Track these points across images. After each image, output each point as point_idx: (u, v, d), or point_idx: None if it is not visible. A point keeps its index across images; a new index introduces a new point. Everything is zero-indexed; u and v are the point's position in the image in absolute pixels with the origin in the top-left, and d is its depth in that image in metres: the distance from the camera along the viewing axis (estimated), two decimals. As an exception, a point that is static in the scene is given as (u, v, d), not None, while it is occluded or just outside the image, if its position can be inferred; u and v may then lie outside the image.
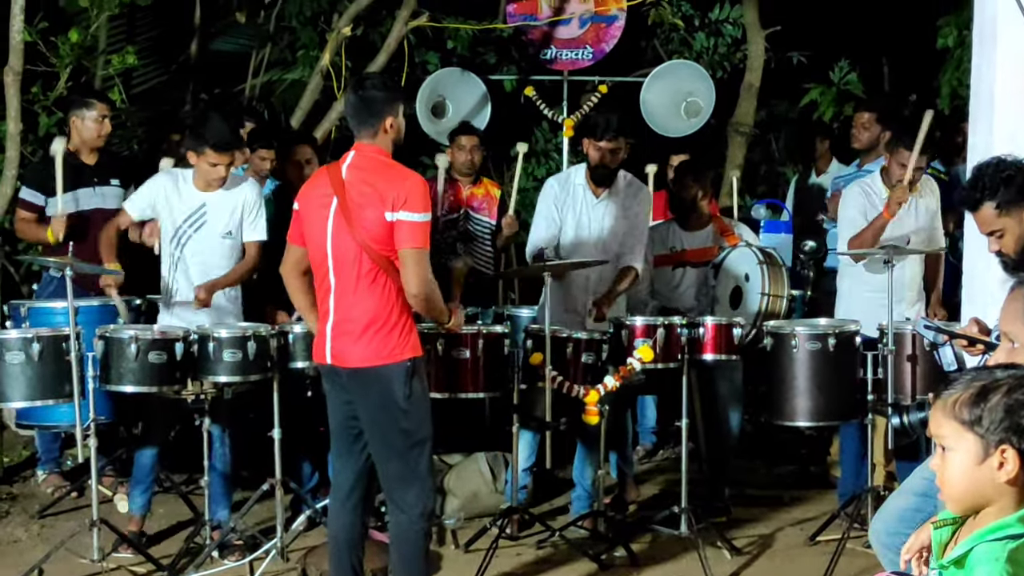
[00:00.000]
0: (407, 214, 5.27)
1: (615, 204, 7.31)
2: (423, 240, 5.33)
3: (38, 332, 6.53)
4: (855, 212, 7.23)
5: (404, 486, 5.42)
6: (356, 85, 5.56)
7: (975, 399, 2.87)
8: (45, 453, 8.16)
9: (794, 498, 8.00)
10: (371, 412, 5.42)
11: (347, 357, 5.40)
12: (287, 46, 11.05)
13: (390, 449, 5.42)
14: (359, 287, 5.35)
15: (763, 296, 7.17)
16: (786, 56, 11.22)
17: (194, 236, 6.88)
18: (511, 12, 10.41)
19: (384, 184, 5.31)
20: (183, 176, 6.95)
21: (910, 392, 6.66)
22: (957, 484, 2.91)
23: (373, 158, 5.44)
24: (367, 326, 5.34)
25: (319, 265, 5.48)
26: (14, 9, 7.68)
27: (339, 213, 5.36)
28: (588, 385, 6.72)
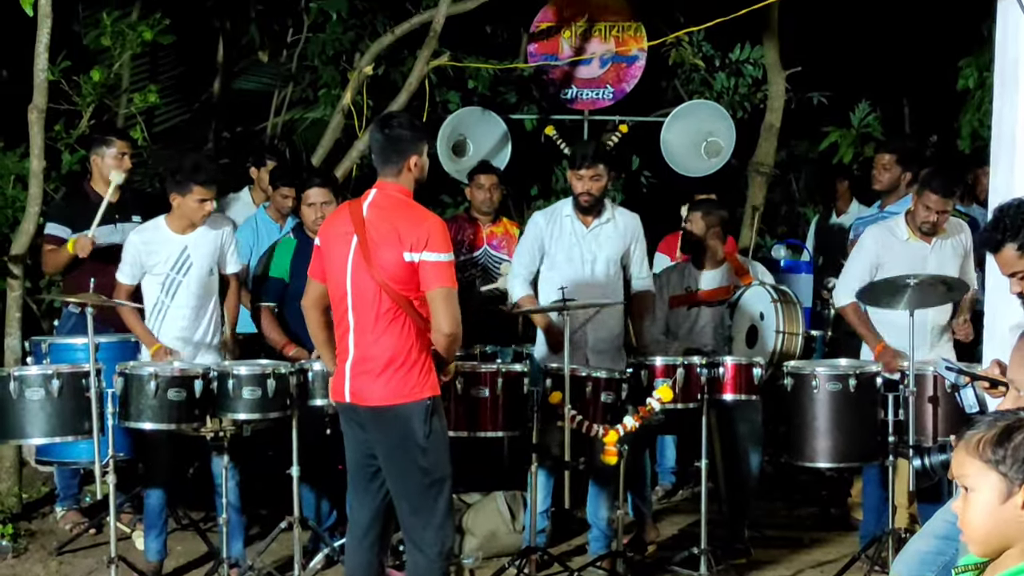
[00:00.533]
0: (431, 255, 5.29)
1: (607, 232, 7.35)
2: (451, 279, 5.34)
3: (58, 368, 6.55)
4: (869, 254, 7.23)
5: (422, 525, 5.41)
6: (381, 123, 5.58)
7: (999, 438, 2.85)
8: (64, 490, 8.16)
9: (814, 540, 7.95)
10: (390, 451, 5.41)
11: (366, 395, 5.40)
12: (309, 85, 11.10)
13: (408, 488, 5.40)
14: (378, 326, 5.35)
15: (778, 334, 7.15)
16: (806, 96, 11.23)
17: (183, 281, 6.97)
18: (532, 52, 10.45)
19: (404, 224, 5.33)
20: (152, 226, 7.06)
21: (931, 434, 6.63)
22: (980, 525, 2.89)
23: (394, 197, 5.46)
24: (386, 365, 5.34)
25: (339, 303, 5.48)
26: (38, 48, 7.72)
27: (359, 251, 5.37)
28: (607, 425, 6.70)
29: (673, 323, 7.73)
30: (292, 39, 11.40)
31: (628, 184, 11.50)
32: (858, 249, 7.37)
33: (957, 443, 2.95)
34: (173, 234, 7.00)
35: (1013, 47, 6.24)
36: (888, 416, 6.70)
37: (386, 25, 10.44)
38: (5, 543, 7.56)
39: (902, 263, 7.06)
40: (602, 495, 7.31)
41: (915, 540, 5.09)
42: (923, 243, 7.19)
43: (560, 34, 10.39)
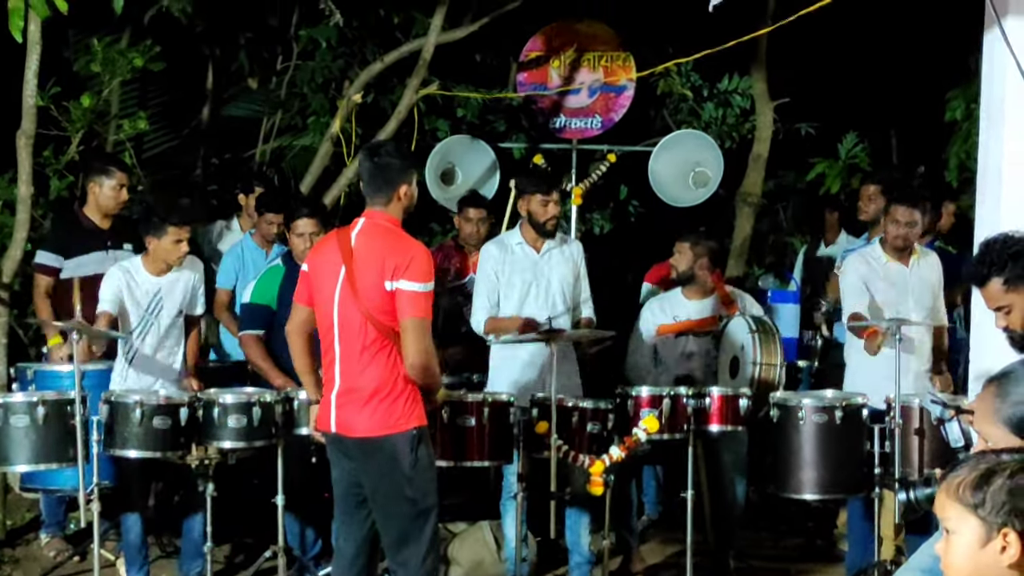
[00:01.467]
0: (407, 283, 5.27)
1: (556, 255, 7.41)
2: (424, 310, 5.31)
3: (43, 396, 6.54)
4: (856, 280, 7.25)
5: (407, 555, 5.39)
6: (371, 152, 5.56)
7: (978, 482, 2.85)
8: (49, 516, 8.13)
9: (800, 571, 7.93)
10: (376, 480, 5.40)
11: (352, 426, 5.39)
12: (298, 112, 11.11)
13: (395, 517, 5.39)
14: (364, 356, 5.34)
15: (755, 366, 7.16)
16: (794, 127, 11.26)
17: (154, 322, 7.00)
18: (521, 81, 10.47)
19: (386, 252, 5.32)
20: (131, 267, 7.09)
21: (917, 466, 6.63)
22: (961, 568, 2.88)
23: (383, 226, 5.45)
24: (372, 395, 5.33)
25: (326, 333, 5.47)
26: (27, 74, 7.73)
27: (346, 282, 5.36)
28: (593, 455, 6.70)
29: (662, 351, 7.73)
30: (281, 66, 11.41)
31: (616, 213, 11.51)
32: (844, 278, 7.40)
33: (940, 483, 2.95)
34: (149, 276, 7.05)
35: (999, 80, 6.26)
36: (874, 448, 6.71)
37: (375, 53, 10.46)
38: (-11, 570, 7.53)
39: (884, 287, 7.20)
40: (581, 522, 7.31)
41: (900, 573, 5.08)
42: (901, 265, 7.26)
43: (549, 63, 10.41)
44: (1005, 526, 2.81)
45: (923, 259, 7.37)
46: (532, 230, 7.38)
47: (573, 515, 7.28)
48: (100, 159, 8.46)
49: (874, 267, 7.28)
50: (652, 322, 7.76)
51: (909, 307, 7.14)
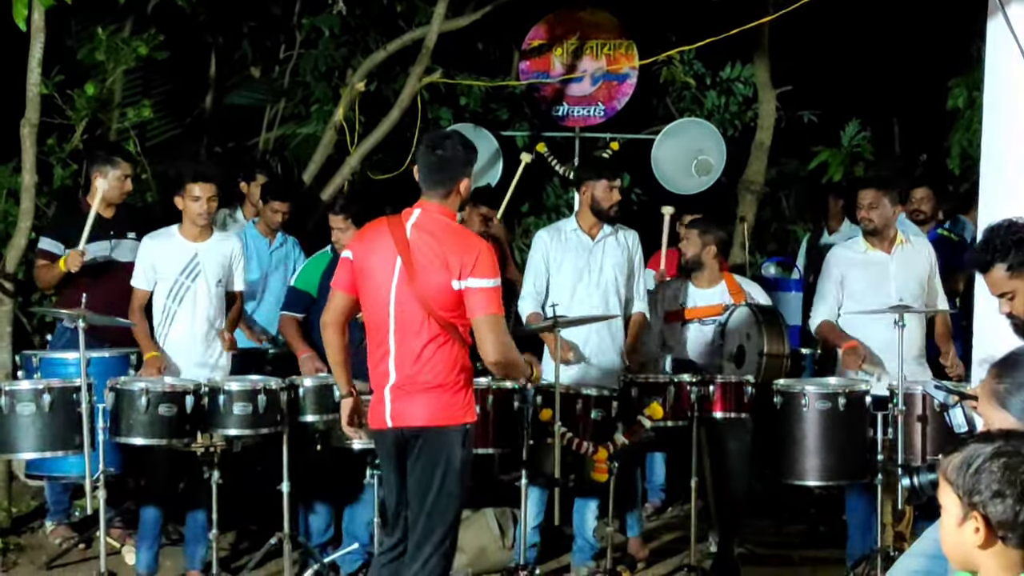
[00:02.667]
0: (477, 281, 5.19)
1: (611, 243, 7.45)
2: (498, 306, 5.25)
3: (49, 383, 6.55)
4: (829, 282, 7.39)
5: (427, 545, 5.32)
6: (434, 143, 5.44)
7: (962, 464, 2.93)
8: (54, 504, 8.15)
9: (804, 558, 7.95)
10: (423, 470, 5.32)
11: (408, 416, 5.30)
12: (301, 101, 11.11)
13: (430, 507, 5.31)
14: (425, 351, 5.25)
15: (760, 356, 7.17)
16: (797, 115, 11.26)
17: (191, 286, 7.03)
18: (524, 69, 10.48)
19: (452, 250, 5.22)
20: (167, 233, 7.18)
21: (920, 453, 6.64)
22: (948, 545, 2.99)
23: (439, 220, 5.34)
24: (432, 388, 5.26)
25: (378, 327, 5.35)
26: (31, 62, 7.74)
27: (403, 276, 5.25)
28: (597, 442, 6.71)
29: (668, 339, 7.75)
30: (284, 55, 11.42)
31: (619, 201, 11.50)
32: (822, 274, 7.52)
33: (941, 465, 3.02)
34: (185, 240, 7.11)
35: (1003, 68, 6.26)
36: (877, 435, 6.73)
37: (378, 42, 10.46)
38: (-6, 557, 7.56)
39: (862, 275, 7.28)
40: (587, 508, 7.33)
41: (904, 558, 5.10)
42: (882, 253, 7.31)
43: (552, 52, 10.42)
44: (974, 508, 2.88)
45: (909, 245, 7.40)
46: (591, 216, 7.44)
47: (579, 501, 7.30)
48: (105, 148, 8.46)
49: (851, 256, 7.35)
50: (660, 309, 7.76)
51: (890, 294, 7.14)
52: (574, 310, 7.20)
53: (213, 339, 7.15)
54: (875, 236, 7.33)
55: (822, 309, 7.39)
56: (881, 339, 6.95)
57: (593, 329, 7.34)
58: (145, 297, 7.07)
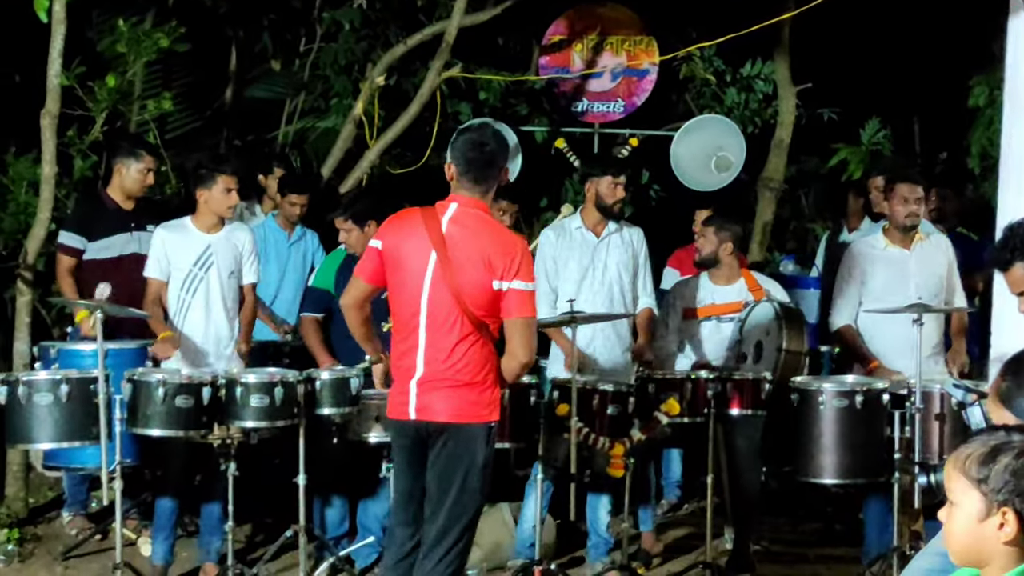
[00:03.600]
0: (520, 283, 5.22)
1: (615, 240, 7.48)
2: (533, 308, 5.30)
3: (66, 374, 6.57)
4: (847, 283, 7.39)
5: (449, 543, 5.32)
6: (483, 138, 5.43)
7: (985, 458, 2.90)
8: (72, 495, 8.17)
9: (819, 556, 7.94)
10: (445, 466, 5.31)
11: (434, 412, 5.30)
12: (321, 94, 11.12)
13: (451, 505, 5.31)
14: (457, 348, 5.25)
15: (779, 352, 7.15)
16: (817, 113, 11.23)
17: (204, 277, 7.04)
18: (543, 64, 10.47)
19: (493, 250, 5.22)
20: (181, 224, 7.17)
21: (937, 451, 6.63)
22: (958, 538, 2.95)
23: (477, 215, 5.34)
24: (462, 384, 5.27)
25: (407, 320, 5.33)
26: (52, 53, 7.76)
27: (439, 271, 5.23)
28: (614, 437, 6.71)
29: (685, 335, 7.73)
30: (304, 48, 11.42)
31: (637, 198, 11.50)
32: (841, 271, 7.49)
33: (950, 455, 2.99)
34: (198, 232, 7.11)
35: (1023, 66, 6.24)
36: (894, 433, 6.71)
37: (398, 36, 10.46)
38: (11, 547, 7.58)
39: (883, 272, 7.29)
40: (600, 503, 7.33)
41: (919, 557, 5.08)
42: (902, 250, 7.31)
43: (572, 47, 10.41)
44: (1005, 504, 2.86)
45: (928, 242, 7.39)
46: (596, 213, 7.47)
47: (593, 497, 7.29)
48: (128, 141, 8.48)
49: (871, 253, 7.33)
50: (678, 306, 7.75)
51: (910, 291, 7.12)
52: (579, 308, 7.20)
53: (227, 330, 7.15)
54: (904, 232, 7.30)
55: (843, 311, 7.36)
56: (899, 336, 6.92)
57: (599, 327, 7.33)
58: (160, 288, 7.08)
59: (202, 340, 7.06)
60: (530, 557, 7.15)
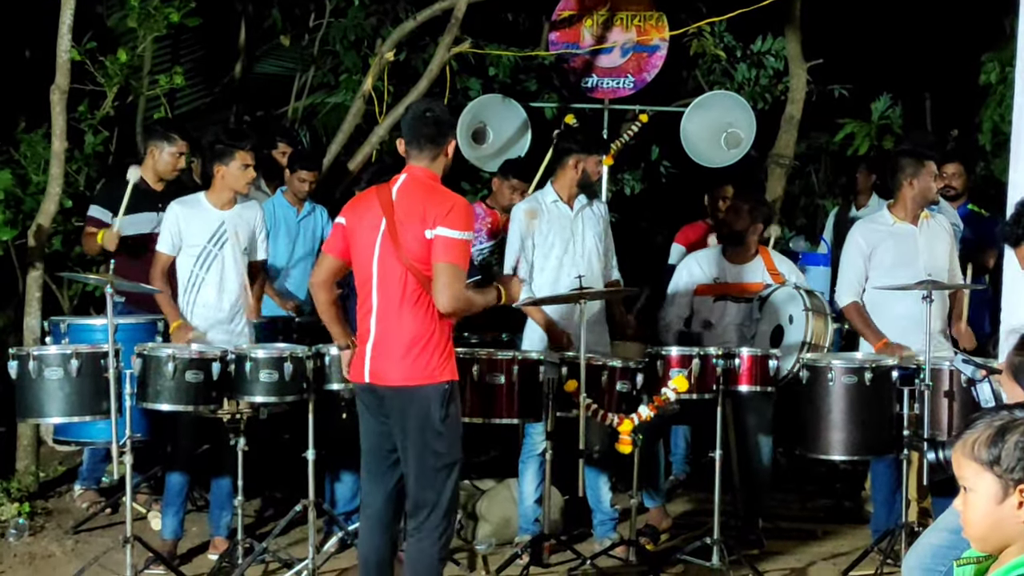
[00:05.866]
0: (445, 230, 5.33)
1: (588, 214, 7.49)
2: (459, 257, 5.36)
3: (77, 348, 6.59)
4: (855, 259, 7.31)
5: (429, 508, 5.43)
6: (422, 109, 5.62)
7: (993, 439, 2.87)
8: (89, 470, 8.20)
9: (827, 532, 7.95)
10: (406, 431, 5.43)
11: (387, 375, 5.43)
12: (330, 70, 11.12)
13: (420, 469, 5.42)
14: (403, 308, 5.39)
15: (804, 345, 7.10)
16: (827, 89, 11.20)
17: (219, 254, 7.05)
18: (553, 40, 10.45)
19: (427, 203, 5.38)
20: (195, 200, 7.17)
21: (946, 428, 6.62)
22: (978, 524, 2.91)
23: (424, 181, 5.51)
24: (409, 346, 5.38)
25: (363, 284, 5.53)
26: (62, 28, 7.77)
27: (387, 234, 5.41)
28: (622, 414, 6.72)
29: (696, 312, 7.70)
30: (314, 23, 11.41)
31: (647, 174, 11.50)
32: (847, 247, 7.42)
33: (956, 443, 2.97)
34: (212, 208, 7.11)
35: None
36: (903, 410, 6.70)
37: (408, 11, 10.45)
38: (22, 521, 7.61)
39: (892, 248, 7.22)
40: (600, 481, 7.35)
41: (927, 534, 5.10)
42: (910, 226, 7.26)
43: (581, 23, 10.37)
44: (1021, 482, 2.83)
45: (933, 220, 7.37)
46: (574, 188, 7.42)
47: (592, 474, 7.30)
48: (163, 124, 8.52)
49: (879, 229, 7.28)
50: (690, 281, 7.74)
51: (920, 267, 7.10)
52: (561, 281, 7.23)
53: (238, 307, 7.16)
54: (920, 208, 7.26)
55: (849, 288, 7.32)
56: (907, 314, 6.91)
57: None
58: (169, 262, 7.08)
59: (213, 315, 7.07)
60: (534, 533, 7.17)
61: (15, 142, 9.06)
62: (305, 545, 6.87)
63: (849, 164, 10.43)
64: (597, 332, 7.31)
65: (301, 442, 6.82)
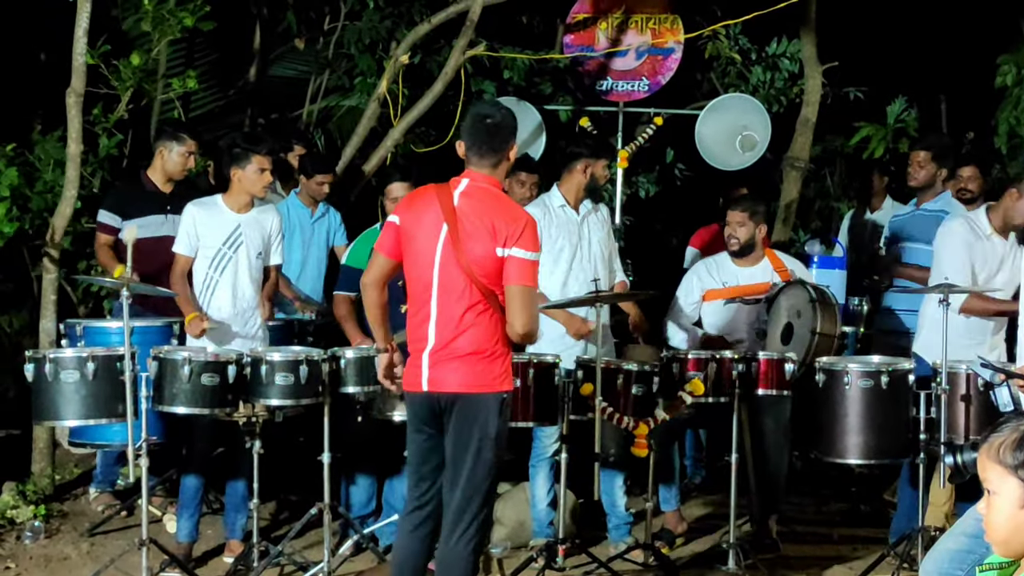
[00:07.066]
0: (520, 251, 5.25)
1: (593, 218, 7.54)
2: (533, 279, 5.32)
3: (93, 351, 6.60)
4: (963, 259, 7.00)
5: (468, 517, 5.36)
6: (485, 112, 5.52)
7: (1019, 443, 2.86)
8: (103, 473, 8.22)
9: (843, 536, 7.93)
10: (461, 439, 5.36)
11: (446, 383, 5.35)
12: (345, 73, 11.12)
13: (467, 477, 5.35)
14: (466, 318, 5.30)
15: (813, 335, 7.12)
16: (843, 91, 11.18)
17: (233, 257, 7.05)
18: (568, 43, 10.44)
19: (497, 219, 5.28)
20: (212, 202, 7.17)
21: (963, 432, 6.60)
22: (1001, 528, 2.90)
23: (486, 189, 5.41)
24: (471, 354, 5.31)
25: (420, 292, 5.40)
26: (77, 32, 7.78)
27: (449, 242, 5.31)
28: (638, 417, 6.71)
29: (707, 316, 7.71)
30: (329, 26, 11.41)
31: (662, 177, 11.48)
32: (952, 245, 7.11)
33: (982, 445, 2.95)
34: (229, 211, 7.11)
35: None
36: (920, 414, 6.68)
37: (423, 14, 10.44)
38: (37, 524, 7.62)
39: (983, 259, 7.08)
40: (615, 484, 7.34)
41: (945, 538, 5.07)
42: (1001, 240, 7.12)
43: (596, 25, 10.37)
44: None
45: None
46: (581, 192, 7.42)
47: (607, 477, 7.29)
48: (172, 125, 8.53)
49: (979, 237, 7.08)
50: (699, 287, 7.74)
51: (997, 283, 7.02)
52: (570, 285, 7.25)
53: (252, 310, 7.16)
54: None
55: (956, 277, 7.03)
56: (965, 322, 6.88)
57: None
58: (188, 264, 7.09)
59: (228, 318, 7.07)
60: (548, 536, 7.17)
61: (30, 145, 9.08)
62: (320, 548, 6.87)
63: (864, 167, 10.41)
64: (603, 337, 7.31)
65: (316, 445, 6.82)
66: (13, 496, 7.88)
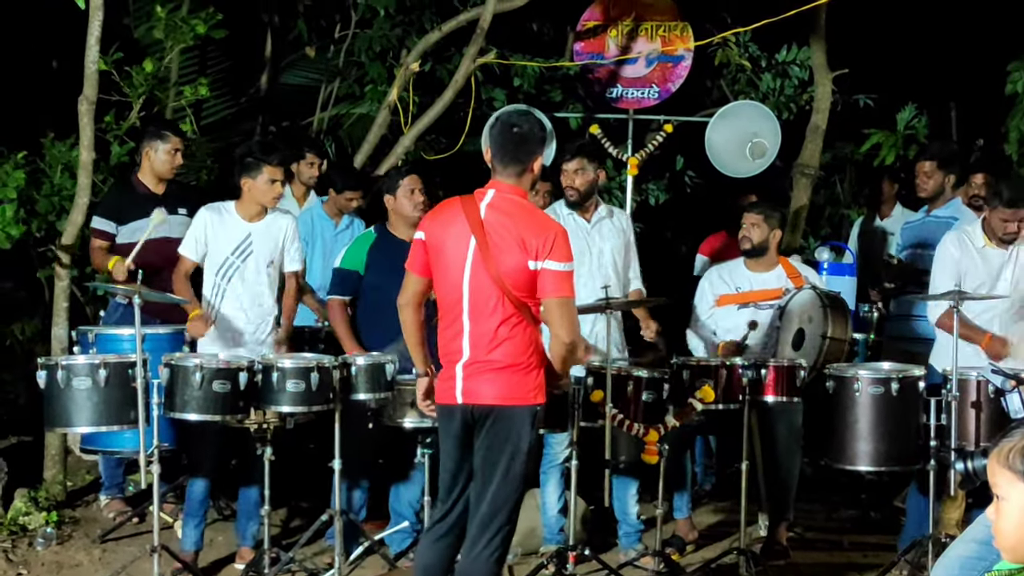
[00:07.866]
0: (553, 264, 5.24)
1: (606, 226, 7.53)
2: (570, 288, 5.32)
3: (105, 358, 6.61)
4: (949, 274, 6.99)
5: (496, 525, 5.35)
6: (510, 122, 5.47)
7: None
8: (108, 479, 8.24)
9: (854, 543, 7.93)
10: (490, 451, 5.35)
11: (480, 395, 5.33)
12: (356, 80, 11.15)
13: (499, 488, 5.34)
14: (500, 331, 5.29)
15: (823, 339, 7.12)
16: (853, 99, 11.18)
17: (241, 266, 7.04)
18: (578, 50, 10.46)
19: (527, 231, 5.27)
20: (224, 208, 7.15)
21: (974, 439, 6.59)
22: (1011, 534, 2.90)
23: (513, 200, 5.38)
24: (506, 367, 5.30)
25: (452, 305, 5.38)
26: (89, 40, 7.80)
27: (479, 256, 5.28)
28: (648, 424, 6.71)
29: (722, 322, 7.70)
30: (339, 34, 11.45)
31: (672, 184, 11.49)
32: (941, 259, 7.17)
33: (992, 452, 2.95)
34: (240, 220, 7.10)
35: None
36: (930, 420, 6.67)
37: (433, 22, 10.48)
38: (49, 530, 7.64)
39: (978, 271, 7.05)
40: (627, 491, 7.34)
41: (956, 545, 5.08)
42: (1000, 250, 7.07)
43: (606, 33, 10.38)
44: None
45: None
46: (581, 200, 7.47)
47: (619, 485, 7.29)
48: (155, 123, 8.53)
49: (970, 249, 7.06)
50: (712, 293, 7.74)
51: (999, 291, 7.00)
52: (579, 292, 7.19)
53: (263, 317, 7.16)
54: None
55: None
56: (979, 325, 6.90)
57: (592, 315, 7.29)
58: (191, 267, 7.09)
59: (237, 326, 7.08)
60: (559, 542, 7.17)
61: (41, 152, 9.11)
62: (331, 554, 6.88)
63: (874, 174, 10.41)
64: (614, 343, 7.32)
65: (327, 452, 6.83)
66: (25, 503, 7.91)
